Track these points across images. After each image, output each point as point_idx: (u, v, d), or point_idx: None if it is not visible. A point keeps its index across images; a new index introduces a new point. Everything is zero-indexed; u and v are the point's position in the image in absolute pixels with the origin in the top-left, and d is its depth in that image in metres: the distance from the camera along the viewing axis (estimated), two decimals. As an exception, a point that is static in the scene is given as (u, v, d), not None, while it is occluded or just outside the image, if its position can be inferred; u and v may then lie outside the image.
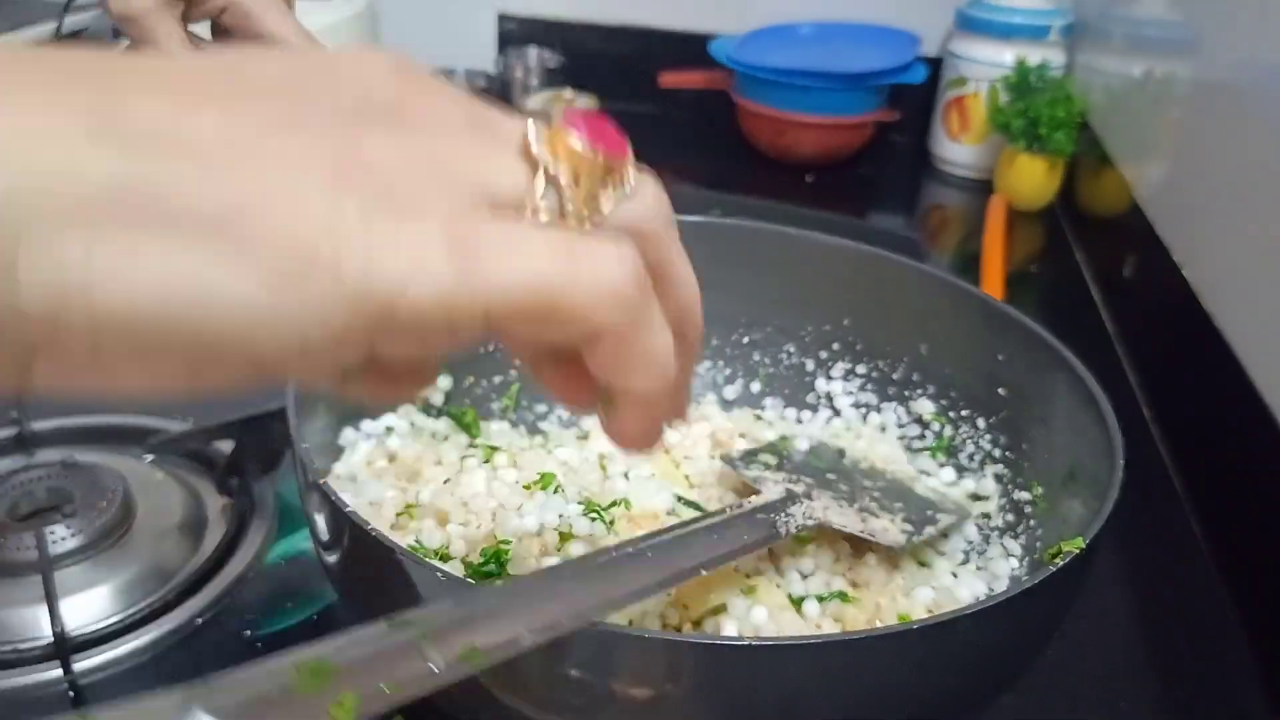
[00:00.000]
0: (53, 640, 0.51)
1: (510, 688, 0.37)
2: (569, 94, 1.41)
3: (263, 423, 0.61)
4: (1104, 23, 1.17)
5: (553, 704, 0.36)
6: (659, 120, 1.46)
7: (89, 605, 0.53)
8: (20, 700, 0.50)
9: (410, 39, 1.47)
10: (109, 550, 0.57)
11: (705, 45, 1.34)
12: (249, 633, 0.54)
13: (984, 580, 0.50)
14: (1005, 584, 0.50)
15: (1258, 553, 0.61)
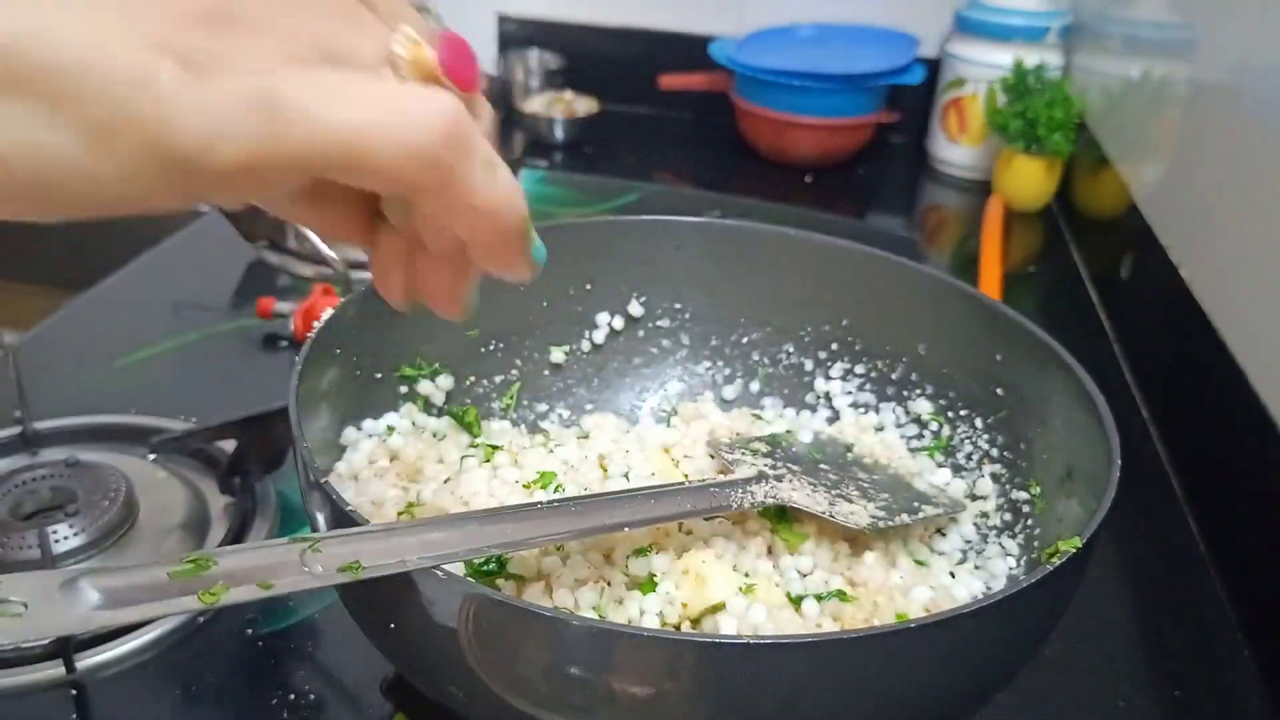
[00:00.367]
0: (55, 639, 0.51)
1: (510, 685, 0.37)
2: (569, 95, 1.41)
3: (265, 422, 0.62)
4: (1101, 24, 1.17)
5: (552, 702, 0.37)
6: (659, 121, 1.46)
7: (91, 604, 0.53)
8: (23, 699, 0.50)
9: (410, 40, 1.48)
10: (111, 549, 0.58)
11: (705, 47, 1.34)
12: (250, 631, 0.55)
13: (981, 579, 0.50)
14: (1003, 583, 0.50)
15: (1255, 551, 0.62)
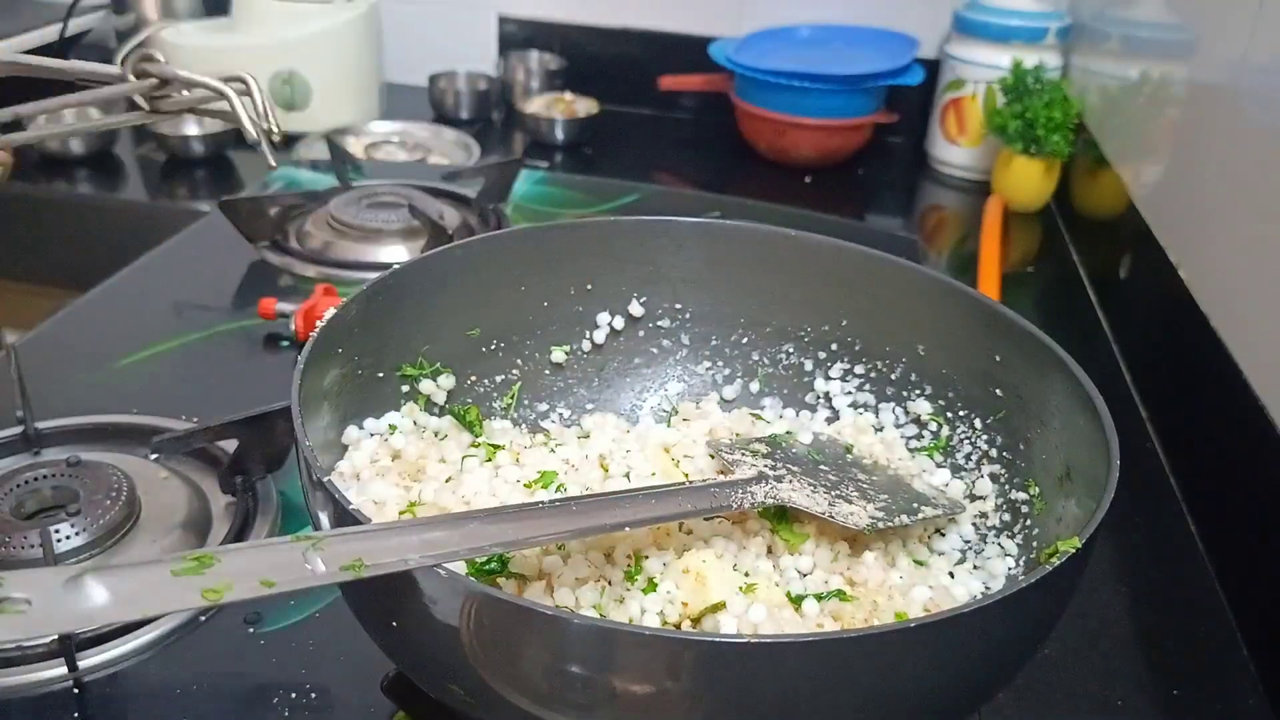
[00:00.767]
0: (57, 638, 0.51)
1: (511, 684, 0.37)
2: (569, 96, 1.41)
3: (266, 421, 0.62)
4: (1100, 25, 1.18)
5: (553, 700, 0.37)
6: (659, 122, 1.47)
7: (94, 603, 0.54)
8: (26, 698, 0.50)
9: (411, 41, 1.48)
10: (113, 548, 0.58)
11: (705, 48, 1.34)
12: (252, 630, 0.55)
13: (980, 579, 0.50)
14: (1002, 583, 0.50)
15: (1253, 551, 0.62)
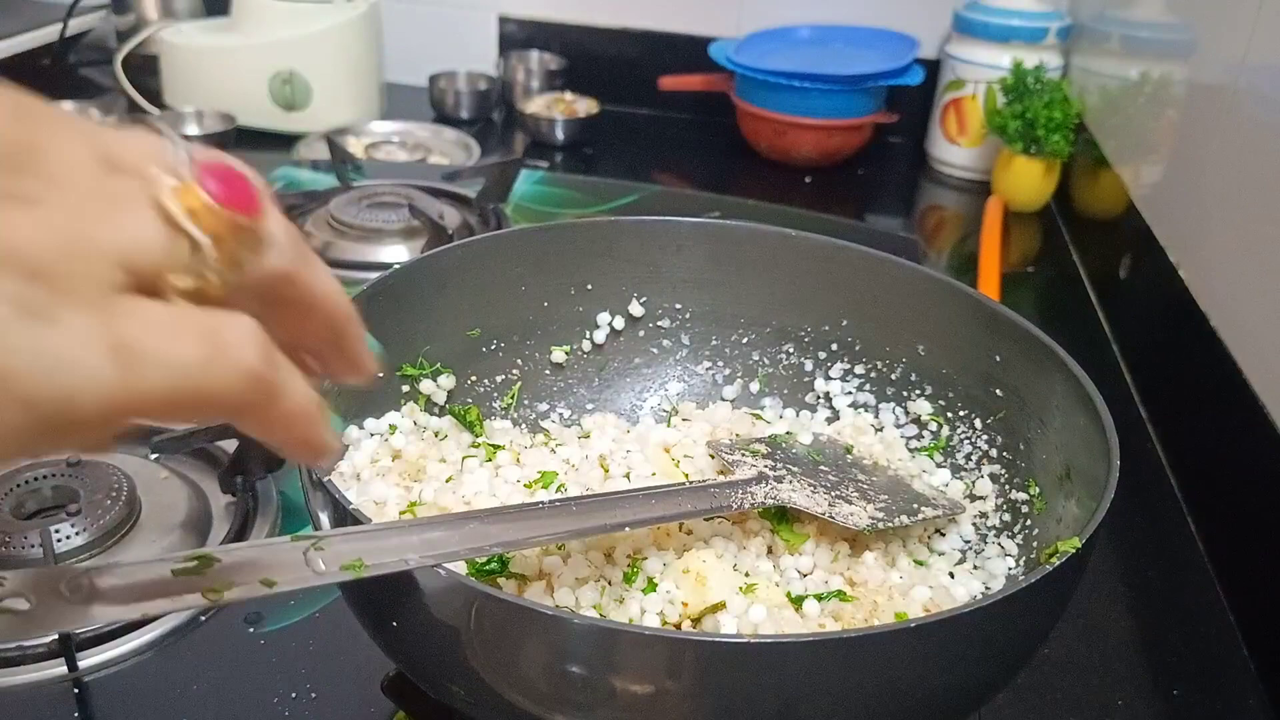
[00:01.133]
0: (57, 638, 0.51)
1: (512, 684, 0.37)
2: (569, 97, 1.41)
3: (266, 422, 0.62)
4: (1100, 25, 1.18)
5: (553, 700, 0.37)
6: (659, 122, 1.46)
7: (94, 603, 0.54)
8: (26, 698, 0.50)
9: (411, 41, 1.48)
10: (113, 548, 0.58)
11: (705, 48, 1.34)
12: (252, 630, 0.55)
13: (980, 579, 0.50)
14: (1002, 583, 0.50)
15: (1253, 551, 0.62)
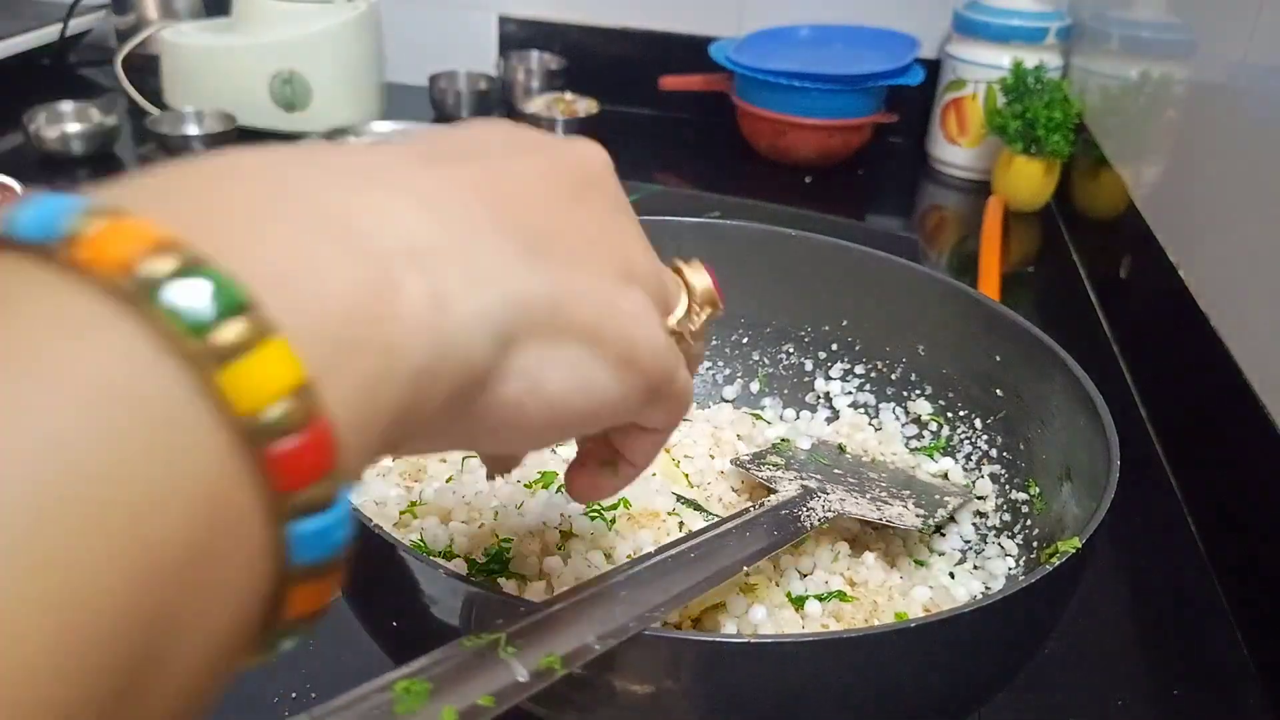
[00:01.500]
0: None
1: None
2: (569, 97, 1.41)
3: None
4: (1100, 25, 1.18)
5: (553, 700, 0.37)
6: (659, 122, 1.46)
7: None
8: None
9: (411, 41, 1.48)
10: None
11: (705, 48, 1.34)
12: (252, 631, 0.55)
13: (981, 579, 0.50)
14: (1002, 583, 0.50)
15: (1253, 551, 0.62)
